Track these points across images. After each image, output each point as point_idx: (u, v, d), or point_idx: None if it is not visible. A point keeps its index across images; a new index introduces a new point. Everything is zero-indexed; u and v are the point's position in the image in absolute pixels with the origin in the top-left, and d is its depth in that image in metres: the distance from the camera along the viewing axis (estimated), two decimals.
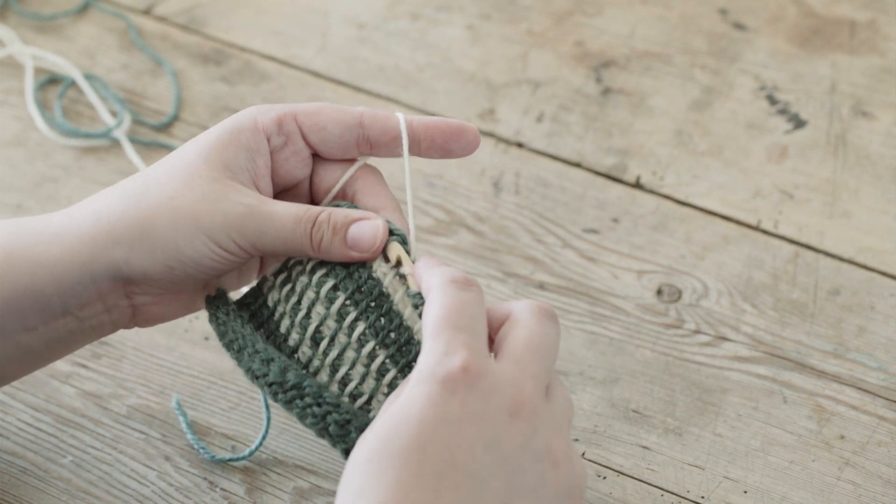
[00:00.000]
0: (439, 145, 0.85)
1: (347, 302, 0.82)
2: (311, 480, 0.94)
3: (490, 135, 1.14)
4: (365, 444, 0.73)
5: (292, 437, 0.95)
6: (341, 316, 0.82)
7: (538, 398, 0.75)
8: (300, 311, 0.83)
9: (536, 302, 0.79)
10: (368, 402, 0.81)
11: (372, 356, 0.81)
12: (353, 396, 0.81)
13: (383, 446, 0.72)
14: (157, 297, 0.85)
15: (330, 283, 0.82)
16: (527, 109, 1.16)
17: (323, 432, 0.78)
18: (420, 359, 0.75)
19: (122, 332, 1.00)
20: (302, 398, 0.79)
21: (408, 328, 0.81)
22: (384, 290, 0.82)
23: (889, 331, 1.02)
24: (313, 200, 0.88)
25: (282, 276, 0.84)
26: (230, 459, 0.93)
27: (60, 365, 0.98)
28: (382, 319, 0.82)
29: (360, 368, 0.81)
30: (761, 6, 1.23)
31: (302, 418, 0.79)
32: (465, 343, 0.74)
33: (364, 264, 0.83)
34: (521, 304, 0.79)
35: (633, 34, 1.22)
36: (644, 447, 0.96)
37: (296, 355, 0.83)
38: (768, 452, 0.96)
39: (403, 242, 0.83)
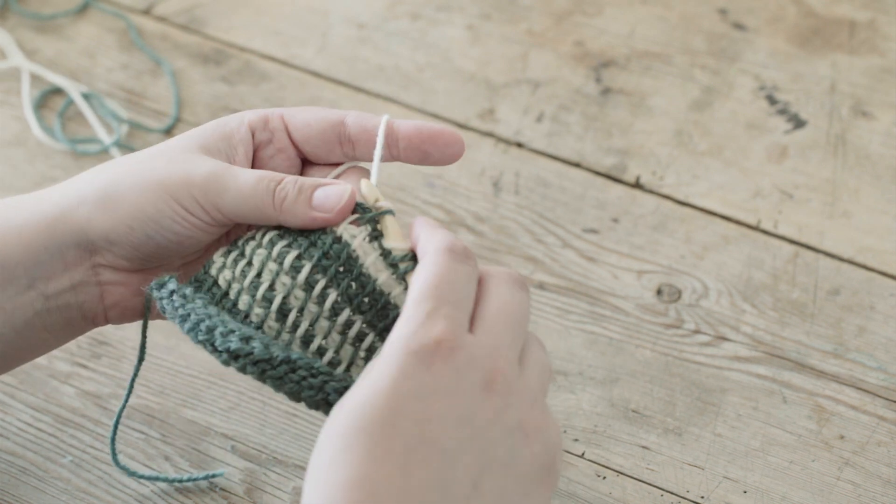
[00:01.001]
0: (416, 146, 0.83)
1: (315, 270, 0.79)
2: None
3: (490, 135, 1.14)
4: (336, 417, 0.72)
5: (292, 436, 0.96)
6: (309, 285, 0.78)
7: (511, 370, 0.74)
8: (261, 284, 0.79)
9: (506, 270, 0.77)
10: (348, 368, 0.78)
11: (348, 324, 0.78)
12: (331, 365, 0.78)
13: (354, 420, 0.71)
14: (123, 277, 0.84)
15: (293, 252, 0.79)
16: (527, 109, 1.16)
17: (321, 403, 0.76)
18: (397, 324, 0.73)
19: (121, 332, 1.00)
20: (294, 371, 0.76)
21: (383, 292, 0.78)
22: (352, 252, 0.79)
23: (889, 331, 1.02)
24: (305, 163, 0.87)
25: (234, 254, 0.81)
26: (144, 476, 0.93)
27: (60, 365, 0.98)
28: (354, 284, 0.78)
29: (335, 337, 0.78)
30: (761, 6, 1.23)
31: (296, 393, 0.76)
32: (447, 314, 0.73)
33: (326, 230, 0.80)
34: (489, 270, 0.77)
35: (633, 34, 1.22)
36: (644, 447, 0.96)
37: (260, 331, 0.78)
38: (768, 452, 0.96)
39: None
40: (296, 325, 0.78)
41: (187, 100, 1.17)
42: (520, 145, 1.14)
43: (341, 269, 0.79)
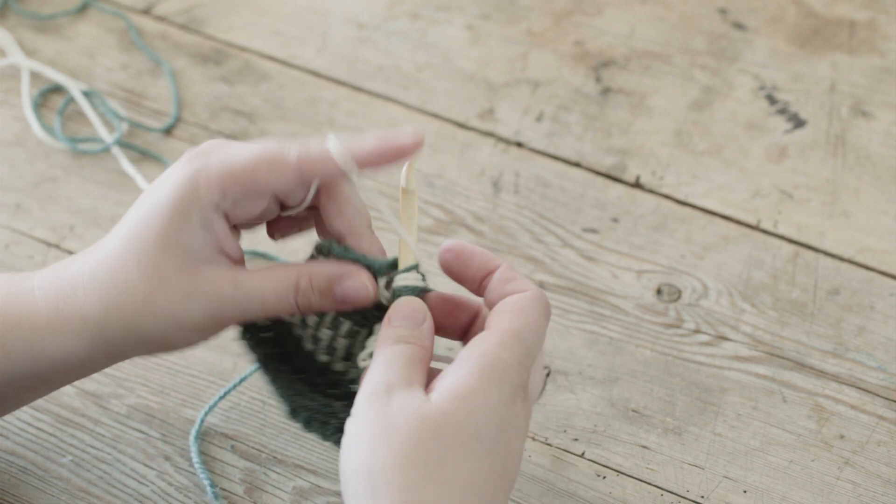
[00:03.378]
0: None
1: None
2: (310, 480, 0.94)
3: (490, 135, 1.14)
4: (445, 413, 0.75)
5: (292, 436, 0.95)
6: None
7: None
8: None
9: (543, 297, 0.81)
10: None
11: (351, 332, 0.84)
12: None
13: (470, 424, 0.74)
14: None
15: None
16: (526, 109, 1.16)
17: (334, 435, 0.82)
18: (498, 345, 0.77)
19: None
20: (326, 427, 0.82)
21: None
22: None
23: (888, 330, 1.02)
24: (282, 207, 0.86)
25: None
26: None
27: None
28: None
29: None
30: (761, 6, 1.23)
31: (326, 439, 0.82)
32: (531, 365, 0.78)
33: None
34: (532, 296, 0.80)
35: (633, 34, 1.22)
36: (644, 447, 0.96)
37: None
38: (768, 452, 0.96)
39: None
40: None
41: (187, 100, 1.17)
42: (520, 145, 1.14)
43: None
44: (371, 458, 0.73)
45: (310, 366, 0.83)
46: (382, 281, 0.82)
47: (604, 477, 0.95)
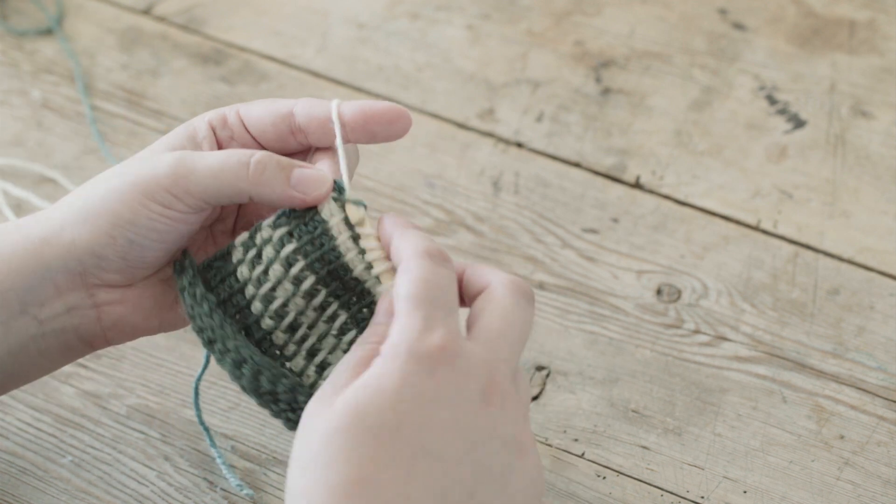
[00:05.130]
0: (361, 127, 0.83)
1: (306, 268, 0.81)
2: None
3: (490, 135, 1.15)
4: (336, 414, 0.71)
5: (292, 436, 0.95)
6: (298, 280, 0.81)
7: (507, 384, 0.74)
8: (275, 300, 0.81)
9: (515, 279, 0.77)
10: (324, 360, 0.81)
11: (323, 305, 0.81)
12: (311, 354, 0.81)
13: (358, 419, 0.71)
14: (119, 294, 0.84)
15: (291, 246, 0.81)
16: (526, 109, 1.16)
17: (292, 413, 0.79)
18: (394, 331, 0.73)
19: None
20: (276, 403, 0.79)
21: (357, 278, 0.80)
22: (329, 230, 0.81)
23: (889, 331, 1.02)
24: None
25: (251, 253, 0.82)
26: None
27: None
28: (329, 268, 0.80)
29: (310, 315, 0.81)
30: (761, 6, 1.23)
31: (276, 416, 0.79)
32: (444, 321, 0.73)
33: (327, 232, 0.81)
34: (499, 277, 0.77)
35: (633, 34, 1.22)
36: (643, 447, 0.96)
37: (260, 325, 0.81)
38: (768, 452, 0.96)
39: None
40: (293, 329, 0.81)
41: (187, 100, 1.17)
42: (520, 145, 1.14)
43: (320, 246, 0.81)
44: (289, 479, 0.72)
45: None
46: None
47: (604, 477, 0.95)
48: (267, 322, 0.81)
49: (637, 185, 1.11)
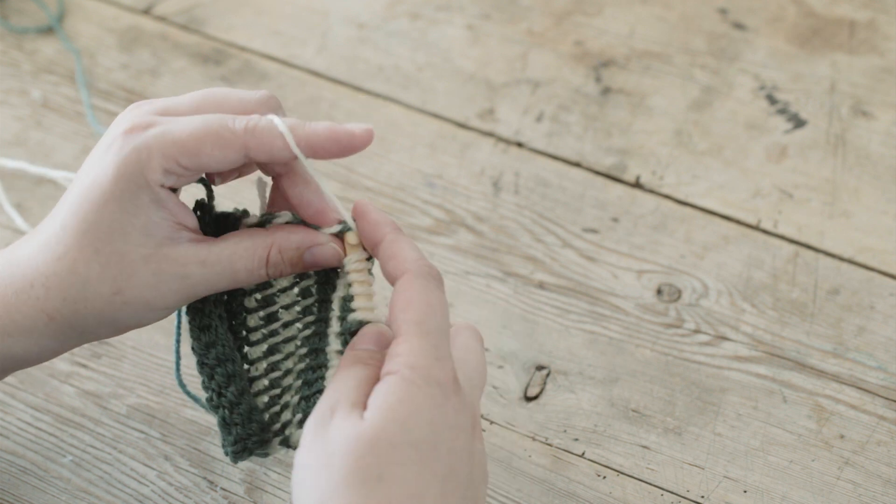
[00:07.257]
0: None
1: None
2: None
3: (490, 134, 1.14)
4: (372, 427, 0.72)
5: None
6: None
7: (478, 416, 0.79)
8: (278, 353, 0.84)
9: (424, 267, 0.78)
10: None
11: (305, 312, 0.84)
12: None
13: (403, 434, 0.72)
14: None
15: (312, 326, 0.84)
16: (526, 109, 1.16)
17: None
18: (409, 354, 0.75)
19: None
20: (247, 437, 0.81)
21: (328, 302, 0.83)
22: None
23: (889, 330, 1.02)
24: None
25: (264, 312, 0.84)
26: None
27: (60, 364, 0.98)
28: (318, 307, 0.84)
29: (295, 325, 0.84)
30: (761, 6, 1.23)
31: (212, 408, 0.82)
32: (448, 350, 0.76)
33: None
34: (412, 277, 0.78)
35: (633, 34, 1.22)
36: (644, 447, 0.96)
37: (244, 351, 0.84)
38: (768, 452, 0.96)
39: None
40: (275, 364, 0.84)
41: None
42: (520, 145, 1.14)
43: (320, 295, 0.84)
44: (315, 491, 0.72)
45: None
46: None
47: (604, 477, 0.95)
48: (251, 302, 0.83)
49: (637, 185, 1.11)
